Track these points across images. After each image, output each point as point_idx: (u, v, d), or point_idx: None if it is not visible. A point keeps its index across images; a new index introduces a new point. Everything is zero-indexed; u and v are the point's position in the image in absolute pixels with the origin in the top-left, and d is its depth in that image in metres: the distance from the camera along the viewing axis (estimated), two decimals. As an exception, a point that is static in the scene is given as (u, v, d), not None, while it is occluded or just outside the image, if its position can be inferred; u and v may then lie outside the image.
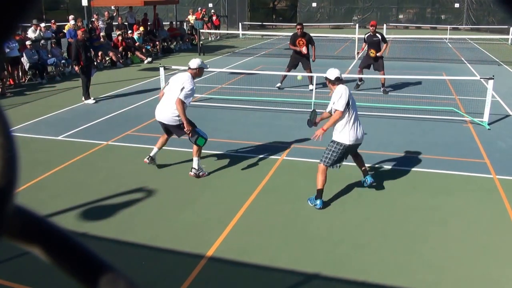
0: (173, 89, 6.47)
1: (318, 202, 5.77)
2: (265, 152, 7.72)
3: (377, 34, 11.77)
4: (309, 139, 8.45)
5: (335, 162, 5.85)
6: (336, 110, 5.70)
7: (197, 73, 6.66)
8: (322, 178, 5.80)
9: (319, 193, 5.79)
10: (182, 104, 6.34)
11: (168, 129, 6.79)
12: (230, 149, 7.88)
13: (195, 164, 6.70)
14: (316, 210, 5.75)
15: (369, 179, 6.08)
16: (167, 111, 6.52)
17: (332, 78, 5.84)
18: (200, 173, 6.76)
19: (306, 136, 8.57)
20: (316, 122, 6.30)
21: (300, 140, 8.34)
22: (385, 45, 11.84)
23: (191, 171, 6.71)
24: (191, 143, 6.71)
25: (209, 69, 15.25)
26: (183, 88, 6.36)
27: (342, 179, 6.71)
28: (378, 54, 11.66)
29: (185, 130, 6.45)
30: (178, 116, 6.43)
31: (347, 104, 5.66)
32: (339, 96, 5.68)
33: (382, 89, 11.96)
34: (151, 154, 6.88)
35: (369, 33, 11.90)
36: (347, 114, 5.72)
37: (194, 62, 6.64)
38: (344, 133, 5.74)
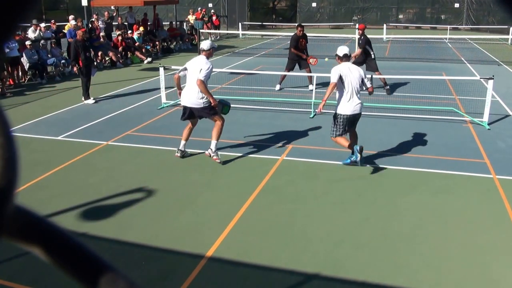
0: (193, 73, 6.93)
1: (354, 156, 6.63)
2: (265, 152, 7.72)
3: (362, 37, 11.91)
4: (309, 139, 8.45)
5: (342, 132, 6.70)
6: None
7: (211, 53, 7.13)
8: (342, 141, 6.74)
9: (351, 150, 6.70)
10: (203, 83, 6.76)
11: (193, 114, 7.16)
12: (230, 149, 7.88)
13: (213, 145, 7.10)
14: (316, 210, 5.75)
15: (355, 157, 6.62)
16: (192, 95, 6.94)
17: (341, 54, 6.76)
18: (214, 157, 7.10)
19: (306, 136, 8.58)
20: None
21: (300, 140, 8.35)
22: (358, 49, 12.00)
23: (207, 151, 7.15)
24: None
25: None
26: (201, 69, 6.79)
27: (342, 179, 6.71)
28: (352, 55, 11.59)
29: (212, 105, 6.89)
30: (203, 98, 6.87)
31: (341, 78, 6.54)
32: (333, 70, 6.63)
33: (385, 89, 11.82)
34: (180, 148, 7.35)
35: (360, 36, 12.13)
36: (343, 88, 6.59)
37: (207, 44, 7.14)
38: (343, 105, 6.64)
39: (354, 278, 4.42)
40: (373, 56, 11.84)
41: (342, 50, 6.73)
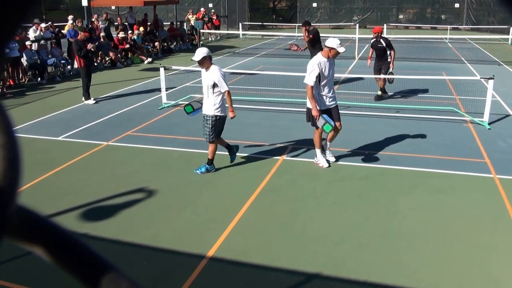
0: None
1: (210, 167, 6.89)
2: (265, 152, 7.72)
3: (381, 40, 10.96)
4: (309, 139, 8.45)
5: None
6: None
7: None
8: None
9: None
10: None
11: None
12: (230, 149, 7.87)
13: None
14: (316, 210, 5.75)
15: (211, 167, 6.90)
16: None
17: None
18: (318, 162, 7.09)
19: (306, 137, 8.57)
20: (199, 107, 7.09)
21: (300, 140, 8.34)
22: (392, 52, 10.95)
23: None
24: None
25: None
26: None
27: (342, 179, 6.71)
28: (390, 69, 10.90)
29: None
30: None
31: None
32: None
33: (381, 94, 11.33)
34: (326, 157, 7.31)
35: (374, 39, 11.14)
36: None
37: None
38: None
39: (354, 277, 4.42)
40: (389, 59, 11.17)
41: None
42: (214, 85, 6.58)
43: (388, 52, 11.04)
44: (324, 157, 7.13)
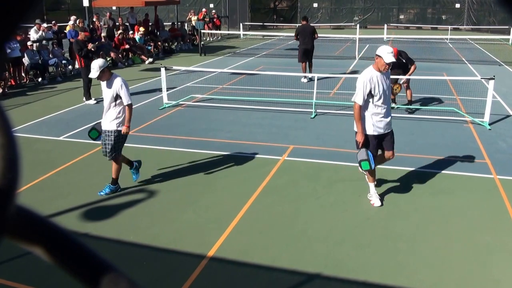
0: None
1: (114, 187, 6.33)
2: (266, 153, 7.72)
3: (400, 57, 10.02)
4: (310, 139, 8.45)
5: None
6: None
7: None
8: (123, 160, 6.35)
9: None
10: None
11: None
12: (231, 149, 7.88)
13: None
14: (317, 211, 5.75)
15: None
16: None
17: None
18: (370, 199, 6.02)
19: (307, 137, 8.58)
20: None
21: (301, 140, 8.35)
22: (412, 67, 10.03)
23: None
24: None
25: (210, 70, 15.28)
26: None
27: (343, 179, 6.71)
28: (403, 82, 10.20)
29: None
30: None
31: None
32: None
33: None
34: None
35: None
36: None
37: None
38: None
39: (355, 278, 4.42)
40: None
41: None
42: (117, 97, 6.09)
43: (409, 66, 10.21)
44: (377, 194, 5.98)
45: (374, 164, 5.67)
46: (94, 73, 6.08)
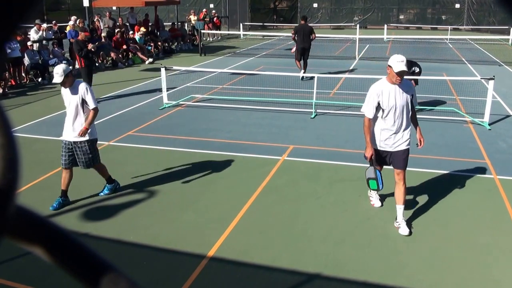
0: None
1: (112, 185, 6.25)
2: (266, 153, 7.72)
3: (414, 68, 9.89)
4: (310, 139, 8.45)
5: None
6: None
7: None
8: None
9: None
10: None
11: None
12: (231, 149, 7.88)
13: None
14: (317, 210, 5.75)
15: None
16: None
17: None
18: (371, 199, 5.90)
19: (307, 137, 8.58)
20: None
21: (301, 140, 8.35)
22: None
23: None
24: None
25: (210, 70, 15.28)
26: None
27: (343, 179, 6.71)
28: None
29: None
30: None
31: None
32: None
33: None
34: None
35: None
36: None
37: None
38: None
39: (355, 278, 4.42)
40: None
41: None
42: (83, 102, 5.89)
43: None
44: (377, 195, 5.87)
45: (382, 184, 5.26)
46: (58, 78, 5.74)
